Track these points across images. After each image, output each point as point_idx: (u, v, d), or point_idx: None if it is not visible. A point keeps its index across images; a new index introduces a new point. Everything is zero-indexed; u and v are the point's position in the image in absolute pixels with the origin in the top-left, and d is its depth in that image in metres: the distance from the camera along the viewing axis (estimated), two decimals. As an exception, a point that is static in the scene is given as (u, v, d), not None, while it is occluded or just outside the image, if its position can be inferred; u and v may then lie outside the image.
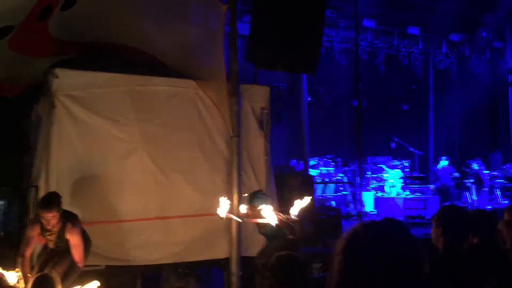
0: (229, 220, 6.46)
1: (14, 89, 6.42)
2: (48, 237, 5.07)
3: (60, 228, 5.04)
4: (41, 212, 4.89)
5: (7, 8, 4.60)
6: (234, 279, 5.90)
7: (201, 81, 6.66)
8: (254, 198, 5.07)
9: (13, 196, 7.32)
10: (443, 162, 12.85)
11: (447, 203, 10.80)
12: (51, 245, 5.12)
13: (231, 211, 6.07)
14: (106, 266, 5.98)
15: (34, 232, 5.03)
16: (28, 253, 5.02)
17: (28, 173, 6.38)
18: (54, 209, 4.90)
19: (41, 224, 5.00)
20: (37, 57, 5.99)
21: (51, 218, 4.89)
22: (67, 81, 5.91)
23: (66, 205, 5.81)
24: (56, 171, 5.83)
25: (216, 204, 6.42)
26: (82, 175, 5.96)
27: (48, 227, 4.95)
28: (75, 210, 5.82)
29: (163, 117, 6.45)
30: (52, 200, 4.99)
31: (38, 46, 5.78)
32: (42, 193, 5.77)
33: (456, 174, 12.73)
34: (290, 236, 4.59)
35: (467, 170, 12.96)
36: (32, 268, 5.04)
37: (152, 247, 6.25)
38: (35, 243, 5.14)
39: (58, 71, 5.84)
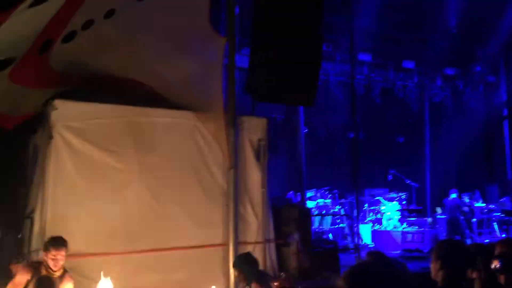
0: (226, 252, 6.43)
1: (14, 120, 6.43)
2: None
3: (60, 275, 4.92)
4: (53, 250, 4.83)
5: (9, 40, 4.66)
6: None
7: (199, 113, 6.71)
8: (238, 263, 5.17)
9: (7, 227, 7.24)
10: (452, 195, 12.84)
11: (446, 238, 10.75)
12: None
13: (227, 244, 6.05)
14: (100, 299, 5.87)
15: (24, 279, 4.81)
16: None
17: (24, 205, 6.34)
18: (65, 248, 4.91)
19: (34, 271, 4.82)
20: (36, 89, 6.03)
21: (61, 259, 4.86)
22: (66, 112, 5.94)
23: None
24: (51, 203, 5.78)
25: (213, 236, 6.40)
26: (78, 207, 5.91)
27: (55, 269, 4.84)
28: (70, 243, 5.76)
29: (162, 148, 6.46)
30: (64, 240, 4.98)
31: (38, 78, 5.83)
32: (37, 224, 5.72)
33: (465, 208, 12.66)
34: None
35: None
36: None
37: (148, 279, 6.15)
38: None
39: (57, 102, 5.87)
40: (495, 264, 3.22)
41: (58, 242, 4.93)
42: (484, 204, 13.18)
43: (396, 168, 13.83)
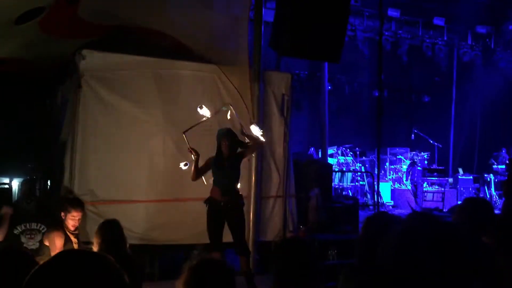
0: (247, 205, 6.58)
1: (42, 69, 6.55)
2: (74, 239, 4.77)
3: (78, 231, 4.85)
4: (73, 211, 4.71)
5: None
6: (251, 263, 6.00)
7: (224, 66, 6.71)
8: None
9: (37, 173, 7.51)
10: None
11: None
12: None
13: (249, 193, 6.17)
14: (126, 244, 6.12)
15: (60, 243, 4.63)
16: None
17: (53, 152, 6.55)
18: (83, 209, 4.86)
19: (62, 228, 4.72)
20: (66, 39, 6.10)
21: (79, 220, 4.74)
22: (94, 62, 6.02)
23: (89, 184, 5.98)
24: (80, 150, 5.97)
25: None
26: (105, 155, 6.10)
27: (72, 229, 4.70)
28: (97, 189, 5.99)
29: (186, 101, 6.52)
30: (82, 201, 4.96)
31: (67, 28, 5.88)
32: (67, 171, 5.93)
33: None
34: None
35: (494, 162, 12.81)
36: None
37: (170, 227, 6.37)
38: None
39: (86, 52, 5.95)
40: None
41: (77, 203, 4.84)
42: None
43: (420, 128, 13.71)
